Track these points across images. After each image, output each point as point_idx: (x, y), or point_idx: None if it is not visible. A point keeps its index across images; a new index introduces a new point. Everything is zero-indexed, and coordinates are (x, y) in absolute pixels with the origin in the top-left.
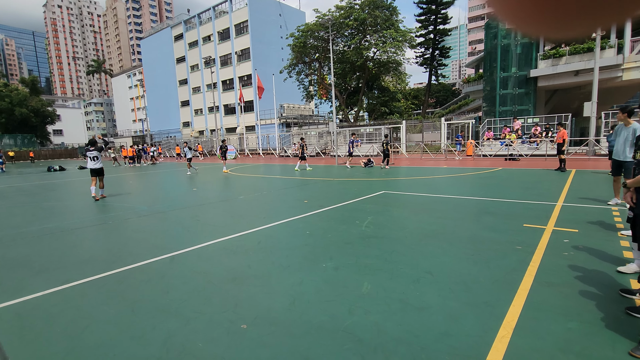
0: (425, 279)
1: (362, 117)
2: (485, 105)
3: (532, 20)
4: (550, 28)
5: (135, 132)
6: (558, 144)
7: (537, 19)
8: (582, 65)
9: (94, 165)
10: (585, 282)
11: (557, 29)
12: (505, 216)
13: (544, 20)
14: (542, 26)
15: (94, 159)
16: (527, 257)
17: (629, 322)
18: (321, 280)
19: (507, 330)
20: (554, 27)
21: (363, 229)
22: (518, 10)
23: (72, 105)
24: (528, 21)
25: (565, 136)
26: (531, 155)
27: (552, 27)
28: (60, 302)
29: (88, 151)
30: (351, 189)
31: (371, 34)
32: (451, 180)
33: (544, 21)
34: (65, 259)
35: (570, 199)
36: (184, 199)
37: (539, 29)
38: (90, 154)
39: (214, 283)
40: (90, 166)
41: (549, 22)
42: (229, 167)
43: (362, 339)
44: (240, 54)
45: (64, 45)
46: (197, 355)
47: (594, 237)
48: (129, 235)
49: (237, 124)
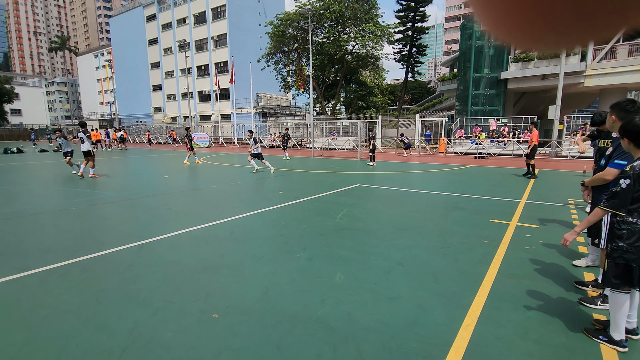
0: (397, 270)
1: (339, 110)
2: (458, 104)
3: (518, 34)
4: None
5: (103, 116)
6: (529, 146)
7: (523, 32)
8: (549, 70)
9: (86, 148)
10: (544, 275)
11: (544, 43)
12: (474, 211)
13: (530, 34)
14: (527, 39)
15: (83, 140)
16: (492, 250)
17: (581, 312)
18: (295, 271)
19: (472, 319)
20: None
21: (337, 221)
22: (506, 24)
23: (32, 84)
24: (515, 35)
25: (536, 139)
26: (499, 154)
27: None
28: (17, 291)
29: (80, 132)
30: (327, 181)
31: (350, 27)
32: (424, 175)
33: (530, 35)
34: (23, 246)
35: (533, 197)
36: (154, 186)
37: (525, 42)
38: (82, 136)
39: (185, 272)
40: (83, 148)
41: (535, 36)
42: (201, 156)
43: (334, 328)
44: (216, 40)
45: (24, 19)
46: (166, 345)
47: (553, 233)
48: (95, 223)
49: (212, 112)
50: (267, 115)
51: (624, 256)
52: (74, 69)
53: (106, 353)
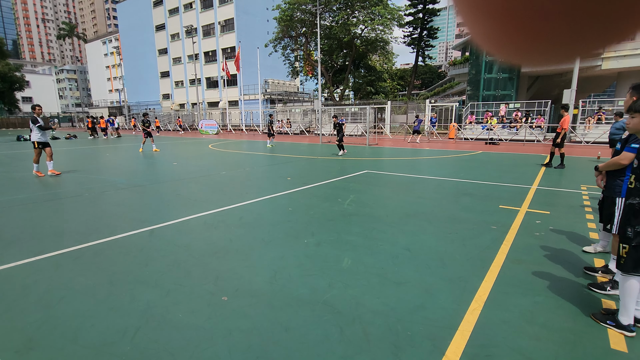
0: (404, 255)
1: (348, 96)
2: (470, 89)
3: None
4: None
5: (112, 103)
6: (557, 133)
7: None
8: None
9: (35, 137)
10: (553, 261)
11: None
12: (483, 197)
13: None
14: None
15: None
16: (501, 236)
17: (591, 298)
18: (303, 255)
19: (478, 303)
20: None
21: (345, 207)
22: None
23: (42, 72)
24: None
25: (567, 125)
26: (510, 140)
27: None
28: (34, 273)
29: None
30: (335, 168)
31: (359, 9)
32: (433, 161)
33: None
34: (38, 231)
35: (544, 183)
36: (164, 173)
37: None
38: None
39: (195, 256)
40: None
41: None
42: (209, 142)
43: (341, 311)
44: (224, 25)
45: (32, 6)
46: (177, 326)
47: (563, 219)
48: (106, 208)
49: (220, 99)
50: (275, 102)
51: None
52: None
53: (121, 332)
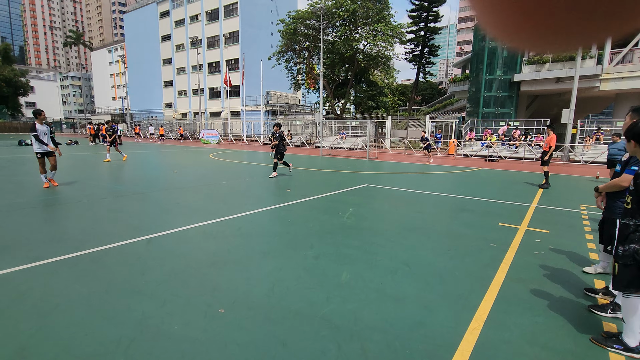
0: (403, 271)
1: (349, 109)
2: (470, 106)
3: (517, 34)
4: (534, 42)
5: (115, 110)
6: (544, 151)
7: (523, 32)
8: (564, 73)
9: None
10: (553, 280)
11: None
12: (482, 214)
13: (529, 35)
14: (527, 40)
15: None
16: (501, 254)
17: (591, 319)
18: (301, 268)
19: (478, 322)
20: (538, 42)
21: (344, 220)
22: (504, 23)
23: (47, 78)
24: (514, 35)
25: (553, 143)
26: (510, 157)
27: (537, 41)
28: (29, 280)
29: None
30: (334, 181)
31: (362, 26)
32: (432, 177)
33: (529, 35)
34: (35, 236)
35: (543, 201)
36: (164, 181)
37: (524, 42)
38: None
39: (192, 266)
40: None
41: (534, 36)
42: (210, 152)
43: (339, 326)
44: (228, 37)
45: (40, 13)
46: (173, 338)
47: (563, 238)
48: (105, 215)
49: (222, 109)
50: (277, 113)
51: (636, 258)
52: (87, 64)
53: (114, 343)
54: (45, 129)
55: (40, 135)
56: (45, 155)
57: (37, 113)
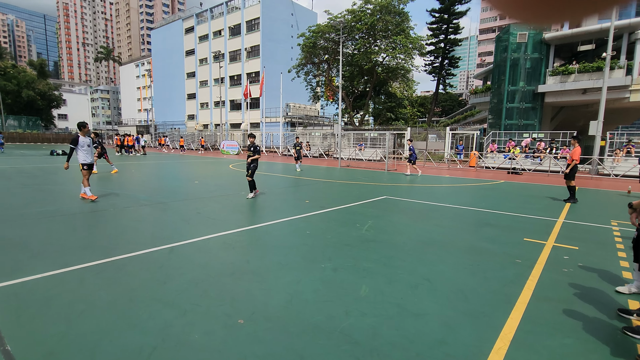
0: (423, 286)
1: (368, 121)
2: (491, 118)
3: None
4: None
5: (140, 122)
6: (568, 164)
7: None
8: (591, 84)
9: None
10: (583, 300)
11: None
12: (505, 229)
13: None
14: (532, 12)
15: None
16: (526, 271)
17: (626, 342)
18: (319, 281)
19: (504, 342)
20: (543, 14)
21: (363, 232)
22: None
23: (78, 91)
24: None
25: (577, 156)
26: (534, 170)
27: (542, 13)
28: (57, 286)
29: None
30: (353, 192)
31: (381, 38)
32: (453, 189)
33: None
34: (63, 243)
35: (571, 216)
36: (186, 191)
37: (529, 15)
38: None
39: (212, 276)
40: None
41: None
42: (230, 163)
43: (359, 341)
44: (249, 51)
45: (74, 31)
46: (193, 347)
47: (594, 256)
48: (129, 224)
49: (242, 120)
50: (296, 125)
51: None
52: (116, 78)
53: (137, 351)
54: (88, 140)
55: (84, 148)
56: (90, 167)
57: (82, 125)
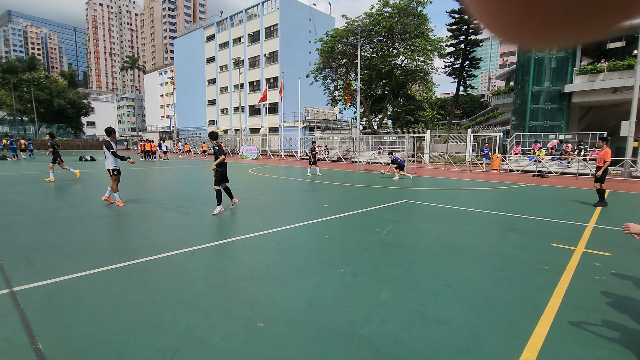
0: (446, 292)
1: (386, 124)
2: (515, 119)
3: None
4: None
5: (163, 128)
6: (597, 167)
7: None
8: (622, 83)
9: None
10: (617, 309)
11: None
12: (532, 234)
13: (526, 30)
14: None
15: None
16: (555, 278)
17: None
18: (339, 285)
19: (531, 352)
20: (535, 37)
21: (383, 237)
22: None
23: (105, 99)
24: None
25: (608, 157)
26: (561, 173)
27: (534, 36)
28: (86, 286)
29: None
30: (372, 196)
31: (399, 41)
32: (475, 193)
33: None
34: (92, 245)
35: (602, 221)
36: (207, 195)
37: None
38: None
39: (233, 279)
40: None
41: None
42: (249, 167)
43: (379, 348)
44: (268, 57)
45: (102, 42)
46: (215, 350)
47: (628, 263)
48: (153, 227)
49: (261, 125)
50: (314, 129)
51: None
52: (140, 86)
53: (161, 352)
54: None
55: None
56: (119, 172)
57: (112, 131)
